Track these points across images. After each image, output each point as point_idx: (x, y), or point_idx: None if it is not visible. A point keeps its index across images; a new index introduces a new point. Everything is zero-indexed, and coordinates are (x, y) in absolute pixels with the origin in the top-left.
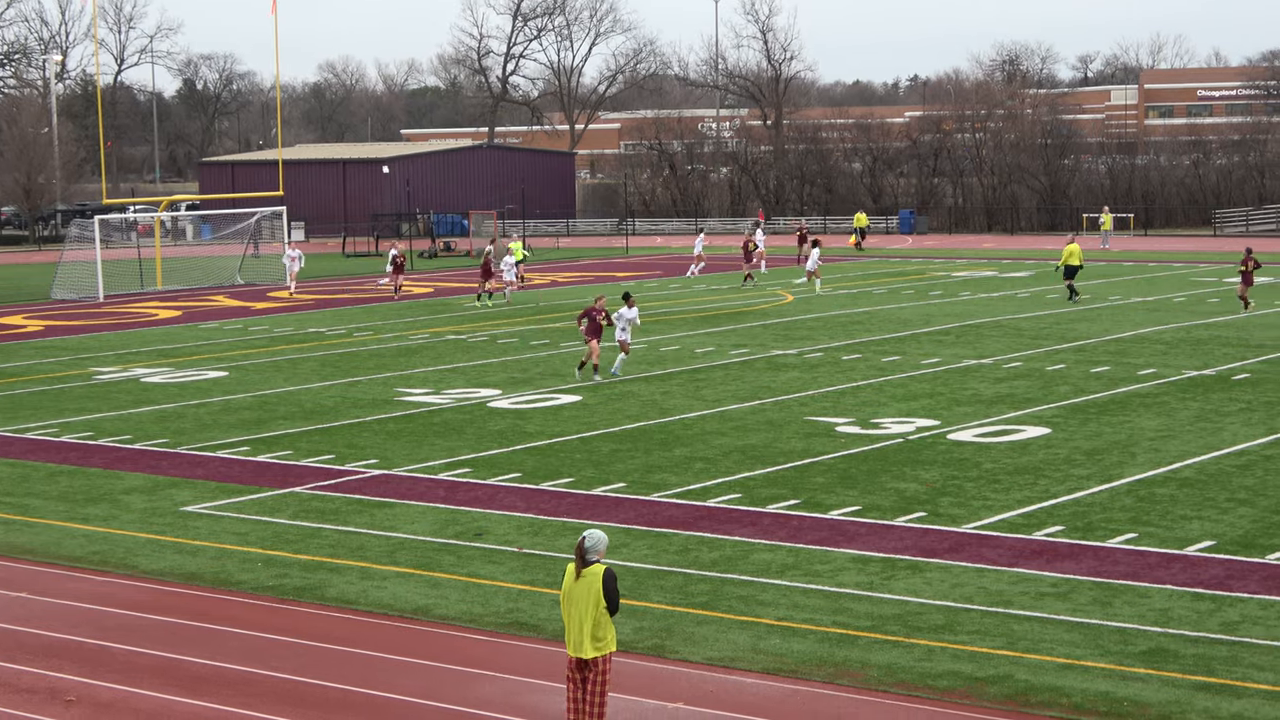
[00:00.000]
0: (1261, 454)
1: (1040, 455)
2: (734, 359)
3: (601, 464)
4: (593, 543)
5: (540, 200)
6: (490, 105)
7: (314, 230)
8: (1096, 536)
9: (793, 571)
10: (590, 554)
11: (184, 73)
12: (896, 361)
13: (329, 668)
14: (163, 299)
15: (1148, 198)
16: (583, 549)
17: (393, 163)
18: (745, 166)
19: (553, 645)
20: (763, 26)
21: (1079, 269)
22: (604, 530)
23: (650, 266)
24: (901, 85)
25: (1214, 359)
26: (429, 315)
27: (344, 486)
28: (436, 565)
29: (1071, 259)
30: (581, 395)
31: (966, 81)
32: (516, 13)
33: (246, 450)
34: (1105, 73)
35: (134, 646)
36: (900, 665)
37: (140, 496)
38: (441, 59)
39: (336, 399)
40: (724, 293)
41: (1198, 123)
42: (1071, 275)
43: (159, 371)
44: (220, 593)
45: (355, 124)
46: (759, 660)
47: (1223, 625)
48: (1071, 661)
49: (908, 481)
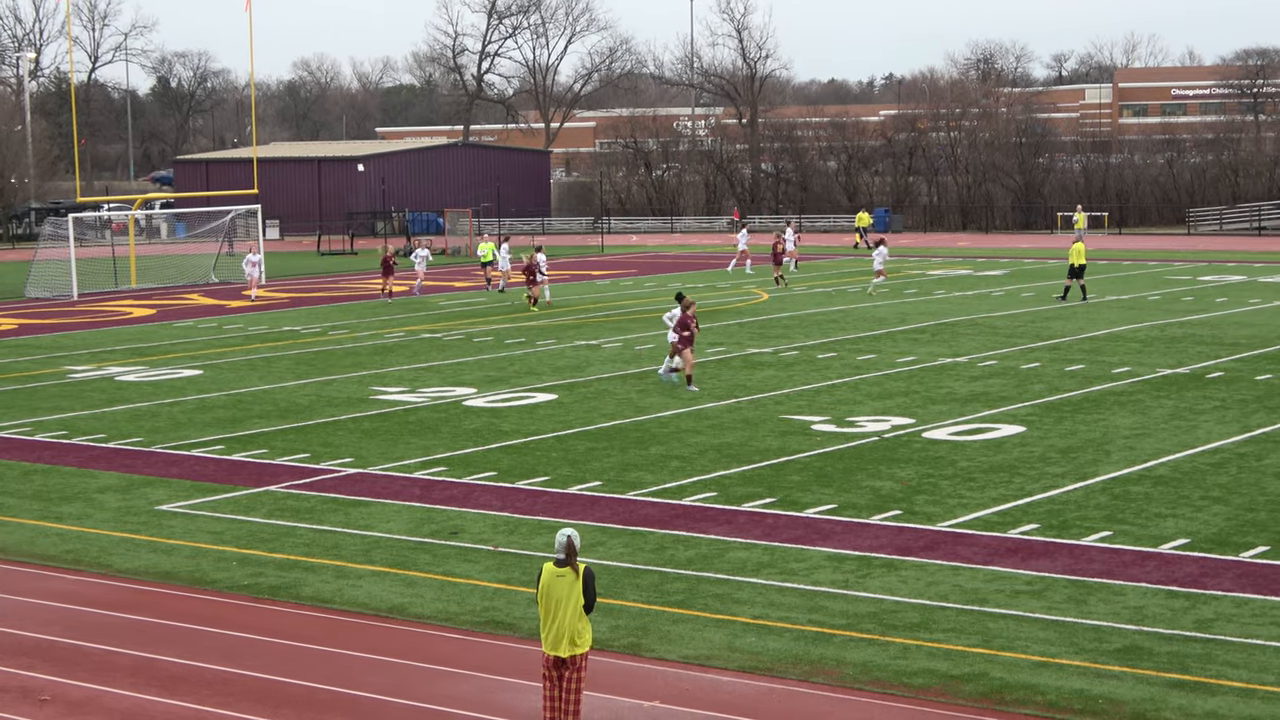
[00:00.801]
0: (1235, 452)
1: (1015, 453)
2: (710, 357)
3: (577, 462)
4: (576, 541)
5: (515, 198)
6: (465, 103)
7: (289, 228)
8: (1071, 534)
9: (768, 570)
10: (574, 553)
11: (158, 70)
12: (872, 360)
13: (305, 667)
14: (137, 297)
15: (1122, 196)
16: (572, 547)
17: (368, 161)
18: (721, 165)
19: (528, 644)
20: (738, 25)
21: (1084, 268)
22: (579, 529)
23: (626, 265)
24: (877, 84)
25: (1188, 357)
26: (404, 313)
27: (319, 485)
28: (412, 564)
29: (1076, 258)
30: (557, 394)
31: (941, 80)
32: (492, 10)
33: (221, 449)
34: (1080, 71)
35: (109, 646)
36: (876, 663)
37: (114, 495)
38: (416, 57)
39: (311, 397)
40: (700, 291)
41: (1172, 121)
42: (1077, 275)
43: (133, 370)
44: (195, 592)
45: (330, 122)
46: (735, 658)
47: (1197, 623)
48: (1046, 659)
49: (883, 480)
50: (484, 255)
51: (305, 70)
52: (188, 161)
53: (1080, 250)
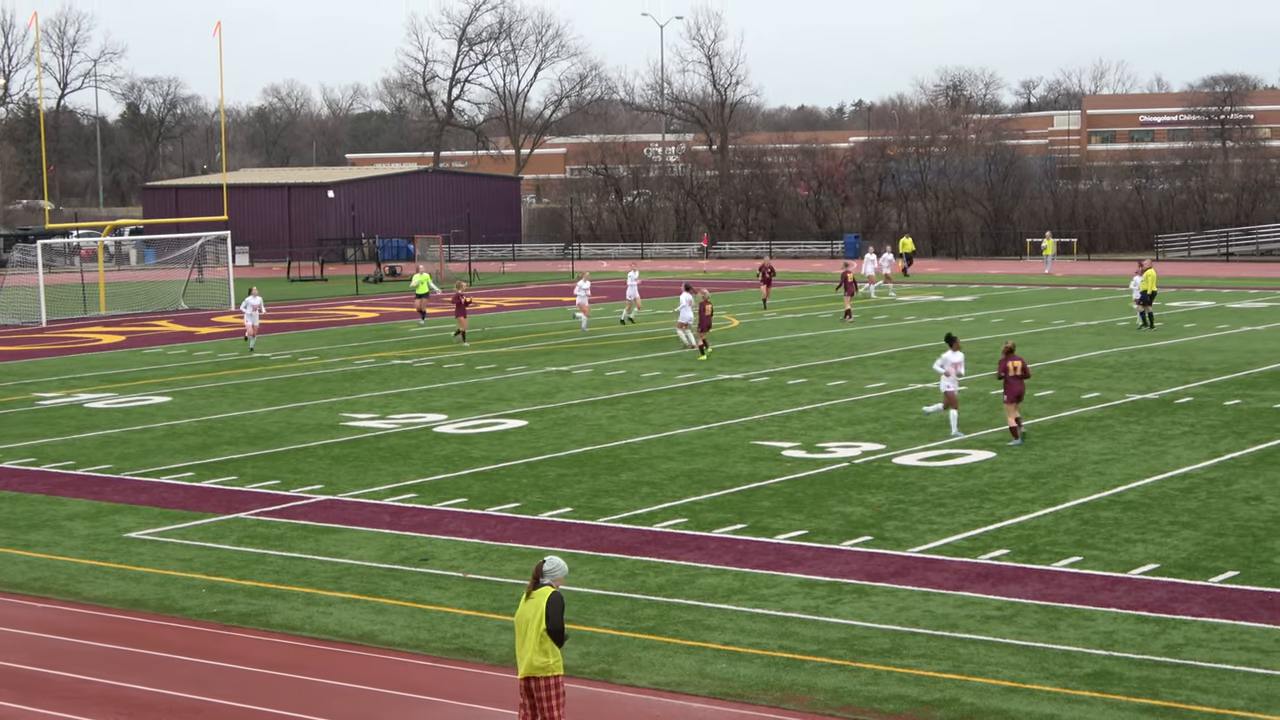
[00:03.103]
0: (1204, 477)
1: (985, 479)
2: (680, 383)
3: (548, 488)
4: (550, 567)
5: (486, 224)
6: (436, 130)
7: (259, 255)
8: (1041, 560)
9: (739, 596)
10: (545, 577)
11: (128, 97)
12: (842, 385)
13: (274, 695)
14: (106, 324)
15: (1091, 222)
16: (539, 571)
17: (338, 187)
18: (691, 191)
19: (499, 671)
20: (708, 51)
21: (1153, 295)
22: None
23: (596, 291)
24: (846, 110)
25: (1157, 382)
26: (374, 340)
27: (289, 512)
28: (382, 591)
29: (1149, 284)
30: (528, 420)
31: (911, 106)
32: (462, 37)
33: (191, 476)
34: (1048, 98)
35: (77, 674)
36: (846, 689)
37: (83, 523)
38: (387, 83)
39: (281, 424)
40: (671, 318)
41: (1140, 148)
42: (1147, 301)
43: (102, 397)
44: (164, 619)
45: (300, 148)
46: (705, 684)
47: (1167, 648)
48: (1017, 685)
49: (854, 505)
50: (418, 286)
51: (275, 96)
52: (157, 188)
53: (1152, 277)
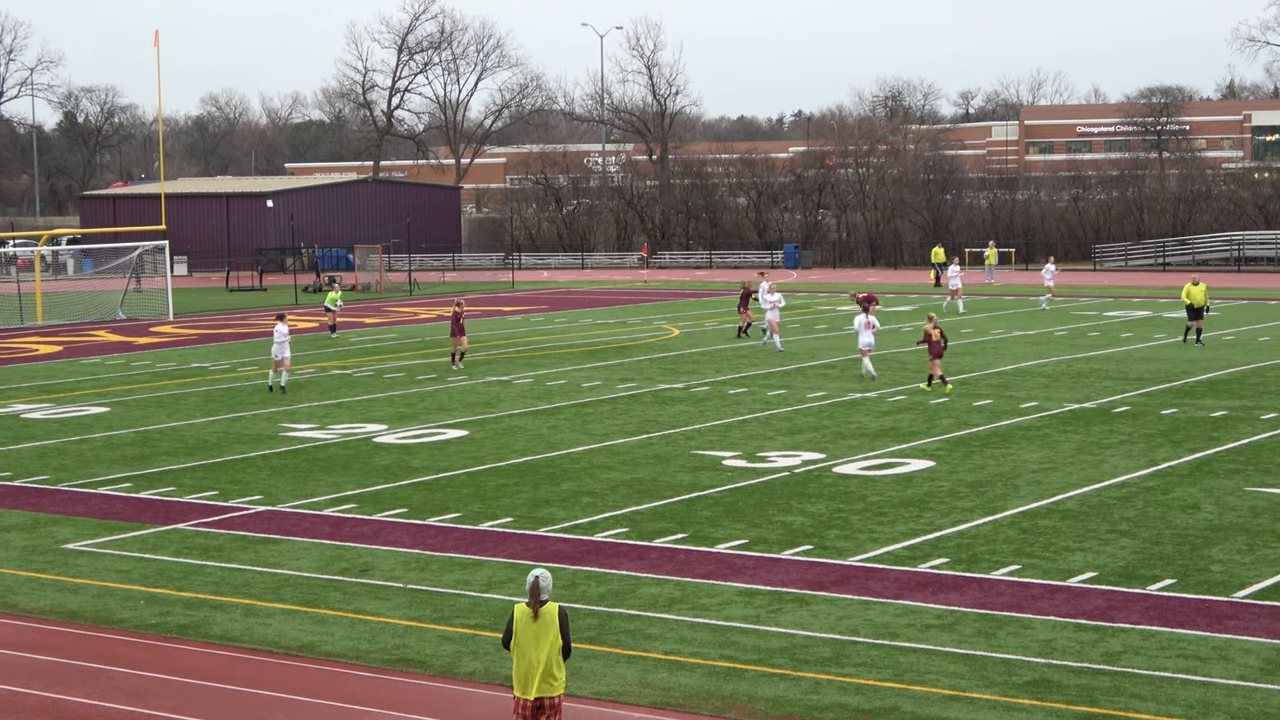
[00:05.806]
0: (1142, 486)
1: (925, 488)
2: (621, 393)
3: (488, 499)
4: (546, 583)
5: (426, 234)
6: (375, 139)
7: (197, 264)
8: (981, 568)
9: (680, 605)
10: (544, 594)
11: (65, 105)
12: (782, 395)
13: (214, 706)
14: (43, 334)
15: (1028, 232)
16: (537, 588)
17: (277, 196)
18: (631, 201)
19: (440, 681)
20: (648, 62)
21: (1204, 309)
22: (491, 565)
23: (536, 300)
24: (786, 120)
25: (1094, 392)
26: (314, 350)
27: (228, 523)
28: (322, 602)
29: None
30: (469, 430)
31: (850, 117)
32: (402, 46)
33: (129, 487)
34: (987, 109)
35: (14, 686)
36: (787, 698)
37: (20, 534)
38: (326, 93)
39: (220, 434)
40: (611, 327)
41: (1077, 158)
42: (1196, 315)
43: (39, 407)
44: (102, 631)
45: (239, 157)
46: (647, 694)
47: (1105, 656)
48: (957, 693)
49: (794, 515)
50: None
51: (214, 106)
52: (95, 197)
53: (1202, 291)
